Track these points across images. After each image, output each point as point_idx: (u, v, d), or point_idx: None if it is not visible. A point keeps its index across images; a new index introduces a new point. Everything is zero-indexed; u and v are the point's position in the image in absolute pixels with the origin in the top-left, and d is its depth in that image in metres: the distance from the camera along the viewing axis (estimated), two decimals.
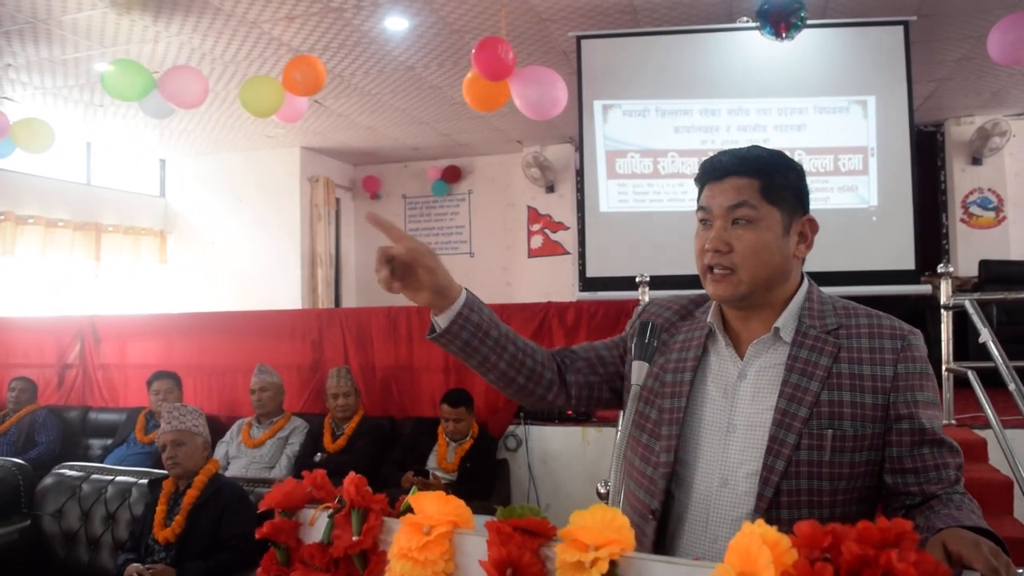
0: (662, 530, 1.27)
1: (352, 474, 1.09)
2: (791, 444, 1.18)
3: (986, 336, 3.40)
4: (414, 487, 1.11)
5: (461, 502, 1.01)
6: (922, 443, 1.18)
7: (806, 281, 1.30)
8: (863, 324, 1.24)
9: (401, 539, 0.99)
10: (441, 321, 1.23)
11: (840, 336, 1.23)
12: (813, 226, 1.28)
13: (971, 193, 7.64)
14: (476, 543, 0.96)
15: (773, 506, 1.17)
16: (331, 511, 1.09)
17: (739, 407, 1.25)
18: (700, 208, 1.28)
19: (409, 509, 1.03)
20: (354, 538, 1.04)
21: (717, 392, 1.28)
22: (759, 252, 1.22)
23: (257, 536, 1.11)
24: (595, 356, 1.43)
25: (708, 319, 1.33)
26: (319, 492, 1.12)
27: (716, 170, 1.26)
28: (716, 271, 1.24)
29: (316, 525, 1.11)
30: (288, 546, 1.11)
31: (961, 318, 3.92)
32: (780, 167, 1.26)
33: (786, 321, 1.25)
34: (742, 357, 1.28)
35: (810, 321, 1.25)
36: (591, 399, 1.42)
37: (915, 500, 1.17)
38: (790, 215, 1.25)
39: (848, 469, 1.18)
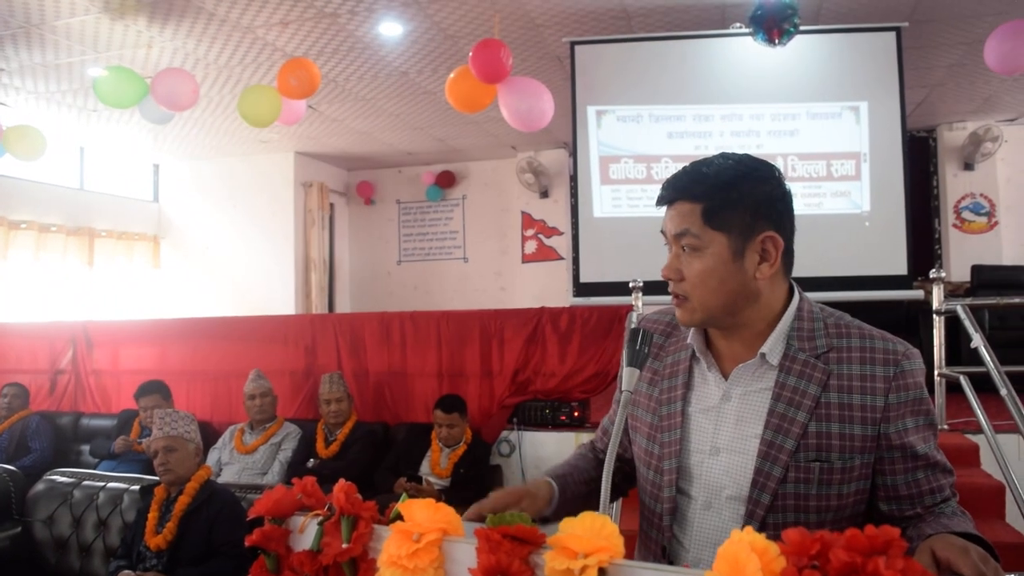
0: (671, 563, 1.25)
1: (342, 481, 1.08)
2: (777, 477, 1.16)
3: (978, 341, 3.41)
4: (404, 494, 1.10)
5: (451, 509, 1.01)
6: (916, 468, 1.17)
7: (796, 298, 1.24)
8: (855, 347, 1.19)
9: (391, 547, 0.99)
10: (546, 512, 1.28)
11: (830, 361, 1.18)
12: (776, 243, 1.18)
13: (963, 198, 7.68)
14: (466, 550, 0.96)
15: None
16: (321, 518, 1.08)
17: (723, 429, 1.22)
18: (661, 231, 1.27)
19: (399, 516, 1.02)
20: (344, 545, 1.04)
21: (700, 413, 1.26)
22: (706, 280, 1.18)
23: (247, 544, 1.11)
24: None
25: (689, 340, 1.29)
26: (309, 499, 1.12)
27: (664, 195, 1.25)
28: (677, 297, 1.23)
29: (306, 532, 1.11)
30: (278, 554, 1.11)
31: (953, 323, 3.93)
32: (730, 184, 1.18)
33: (773, 344, 1.20)
34: (726, 377, 1.25)
35: (799, 344, 1.20)
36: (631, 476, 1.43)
37: (911, 524, 1.16)
38: (742, 236, 1.17)
39: (836, 501, 1.16)
